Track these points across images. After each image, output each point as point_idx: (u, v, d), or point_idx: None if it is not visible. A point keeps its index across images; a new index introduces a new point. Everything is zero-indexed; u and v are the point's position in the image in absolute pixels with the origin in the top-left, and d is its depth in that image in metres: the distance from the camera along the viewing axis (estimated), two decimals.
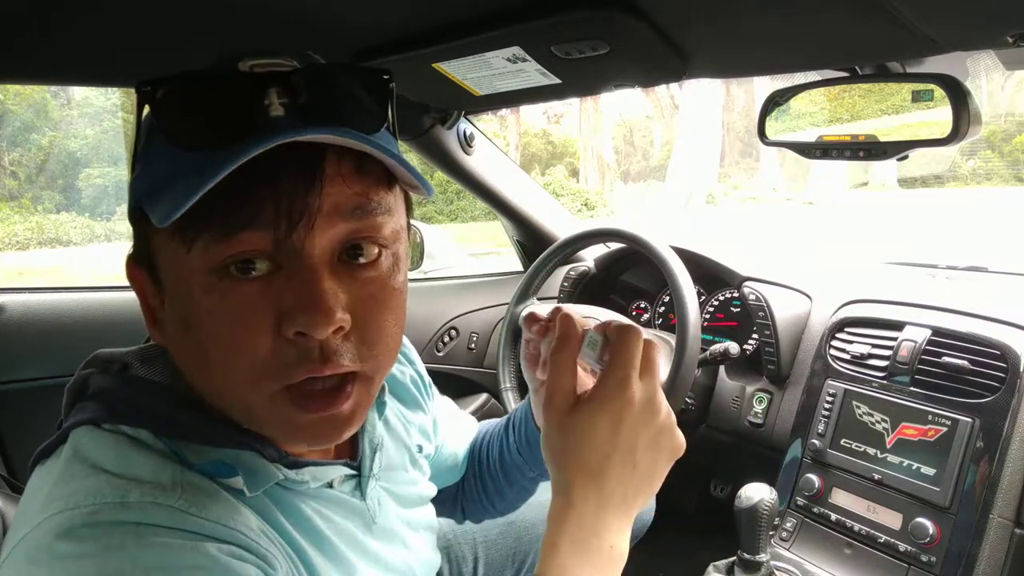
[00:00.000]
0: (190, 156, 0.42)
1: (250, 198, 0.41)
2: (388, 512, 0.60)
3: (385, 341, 0.48)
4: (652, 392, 0.50)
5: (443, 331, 1.66)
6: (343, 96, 0.45)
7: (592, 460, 0.48)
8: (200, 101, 0.42)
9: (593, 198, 13.99)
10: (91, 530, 0.40)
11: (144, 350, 0.52)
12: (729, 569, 1.00)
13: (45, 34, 0.80)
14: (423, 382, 0.76)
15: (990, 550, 0.91)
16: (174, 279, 0.45)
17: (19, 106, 9.78)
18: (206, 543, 0.41)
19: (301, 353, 0.43)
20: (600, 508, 0.48)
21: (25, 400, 1.20)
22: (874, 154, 0.83)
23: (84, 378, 0.51)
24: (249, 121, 0.42)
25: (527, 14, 0.75)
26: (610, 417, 0.48)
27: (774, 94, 0.89)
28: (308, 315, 0.42)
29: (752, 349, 1.33)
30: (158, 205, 0.42)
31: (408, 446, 0.68)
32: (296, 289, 0.42)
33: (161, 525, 0.41)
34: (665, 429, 0.50)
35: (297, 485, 0.51)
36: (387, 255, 0.47)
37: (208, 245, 0.42)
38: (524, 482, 0.81)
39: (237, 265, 0.42)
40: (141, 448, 0.45)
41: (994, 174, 12.33)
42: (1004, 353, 0.96)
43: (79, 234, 9.01)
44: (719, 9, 0.70)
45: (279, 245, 0.42)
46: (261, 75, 0.43)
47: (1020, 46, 0.65)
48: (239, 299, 0.43)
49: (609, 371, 0.50)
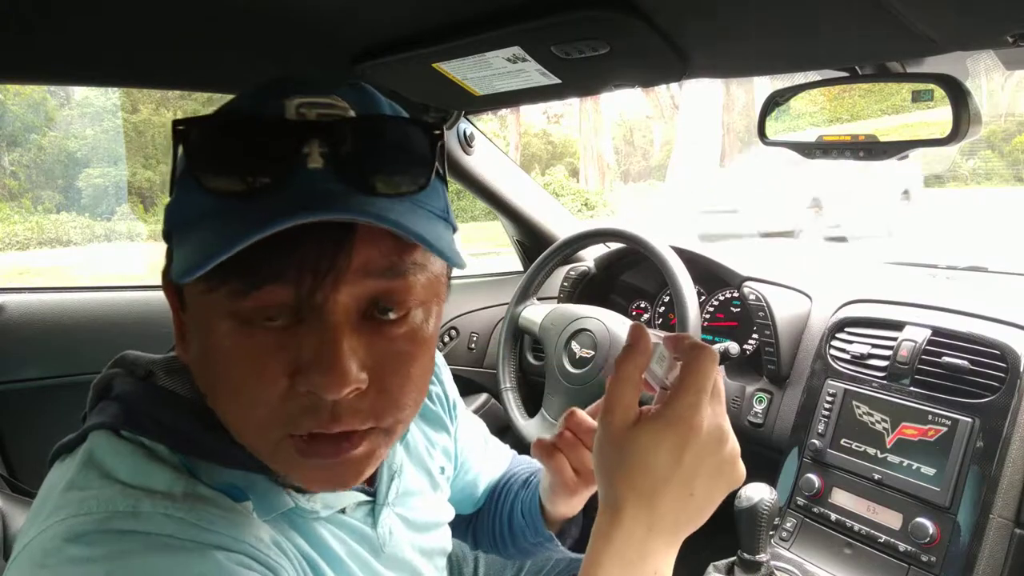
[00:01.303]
0: (219, 203, 0.41)
1: (277, 254, 0.40)
2: (400, 540, 0.60)
3: (408, 395, 0.46)
4: (720, 420, 0.48)
5: (443, 331, 1.67)
6: (388, 149, 0.42)
7: (648, 481, 0.46)
8: (232, 148, 0.41)
9: (593, 198, 13.97)
10: (102, 536, 0.40)
11: (170, 361, 0.52)
12: (729, 569, 1.00)
13: (47, 33, 0.80)
14: (449, 402, 0.75)
15: (990, 550, 0.91)
16: (197, 311, 0.44)
17: (19, 106, 9.77)
18: (214, 552, 0.42)
19: (310, 406, 0.42)
20: (649, 531, 0.46)
21: (25, 400, 1.20)
22: (874, 154, 0.83)
23: (110, 377, 0.51)
24: (283, 172, 0.40)
25: (527, 14, 0.75)
26: (675, 441, 0.46)
27: (774, 94, 0.89)
28: (322, 376, 0.41)
29: (752, 349, 1.33)
30: (182, 253, 0.42)
31: (429, 469, 0.68)
32: (314, 345, 0.41)
33: (171, 535, 0.41)
34: (728, 460, 0.48)
35: (308, 513, 0.51)
36: (418, 311, 0.45)
37: (231, 294, 0.41)
38: (523, 545, 0.81)
39: (259, 314, 0.42)
40: (156, 460, 0.45)
41: (994, 174, 12.32)
42: (1004, 353, 0.96)
43: (79, 234, 9.00)
44: (719, 9, 0.70)
45: (302, 300, 0.41)
46: (303, 125, 0.41)
47: (1020, 46, 0.65)
48: (256, 347, 0.42)
49: (680, 392, 0.47)
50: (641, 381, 0.49)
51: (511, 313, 1.45)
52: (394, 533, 0.59)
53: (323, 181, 0.40)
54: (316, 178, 0.40)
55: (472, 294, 1.74)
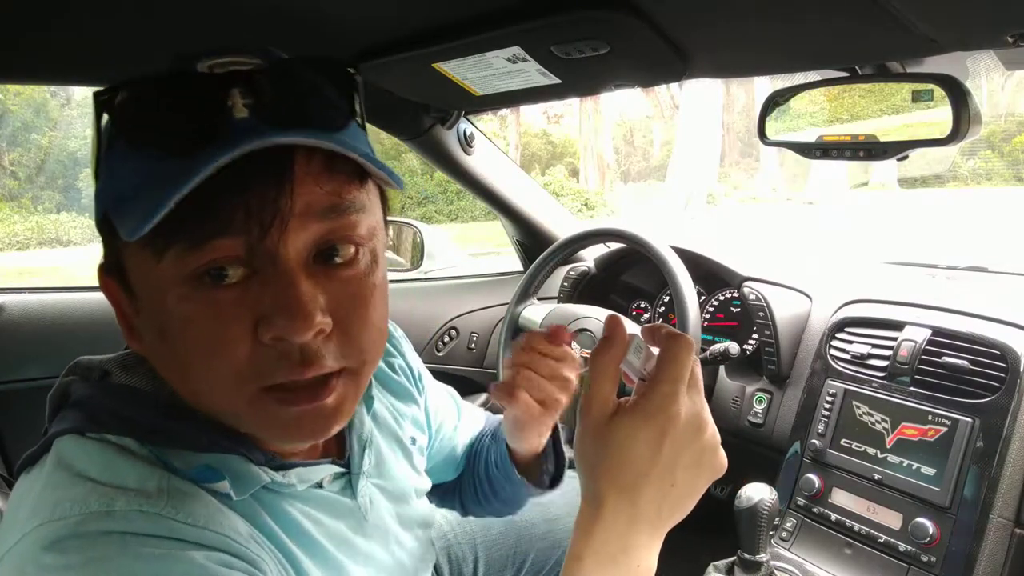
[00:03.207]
0: (153, 164, 0.41)
1: (219, 205, 0.40)
2: (380, 510, 0.60)
3: (369, 336, 0.47)
4: (699, 408, 0.47)
5: (443, 331, 1.66)
6: (308, 93, 0.43)
7: (628, 474, 0.45)
8: (160, 106, 0.41)
9: (593, 198, 13.99)
10: (77, 541, 0.39)
11: (125, 357, 0.51)
12: (729, 569, 1.00)
13: (44, 34, 0.80)
14: (413, 372, 0.75)
15: (990, 550, 0.91)
16: (147, 289, 0.44)
17: (19, 106, 9.78)
18: (193, 551, 0.41)
19: (280, 355, 0.43)
20: (631, 524, 0.45)
21: (25, 400, 1.20)
22: (874, 154, 0.83)
23: (65, 385, 0.51)
24: (212, 125, 0.40)
25: (527, 14, 0.75)
26: (653, 432, 0.45)
27: (774, 94, 0.89)
28: (287, 320, 0.41)
29: (752, 349, 1.33)
30: (125, 218, 0.41)
31: (400, 439, 0.68)
32: (273, 294, 0.42)
33: (148, 534, 0.41)
34: (708, 449, 0.47)
35: (284, 488, 0.51)
36: (364, 253, 0.46)
37: (179, 255, 0.41)
38: (505, 495, 0.81)
39: (211, 273, 0.41)
40: (126, 455, 0.45)
41: (994, 174, 12.33)
42: (1004, 353, 0.96)
43: (79, 234, 9.01)
44: (719, 9, 0.70)
45: (252, 250, 0.41)
46: (223, 76, 0.42)
47: (1020, 46, 0.65)
48: (215, 307, 0.42)
49: (656, 383, 0.46)
50: (618, 373, 0.49)
51: (511, 313, 1.45)
52: (374, 503, 0.59)
53: (251, 128, 0.41)
54: (244, 126, 0.41)
55: (472, 294, 1.74)
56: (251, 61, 0.44)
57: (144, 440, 0.46)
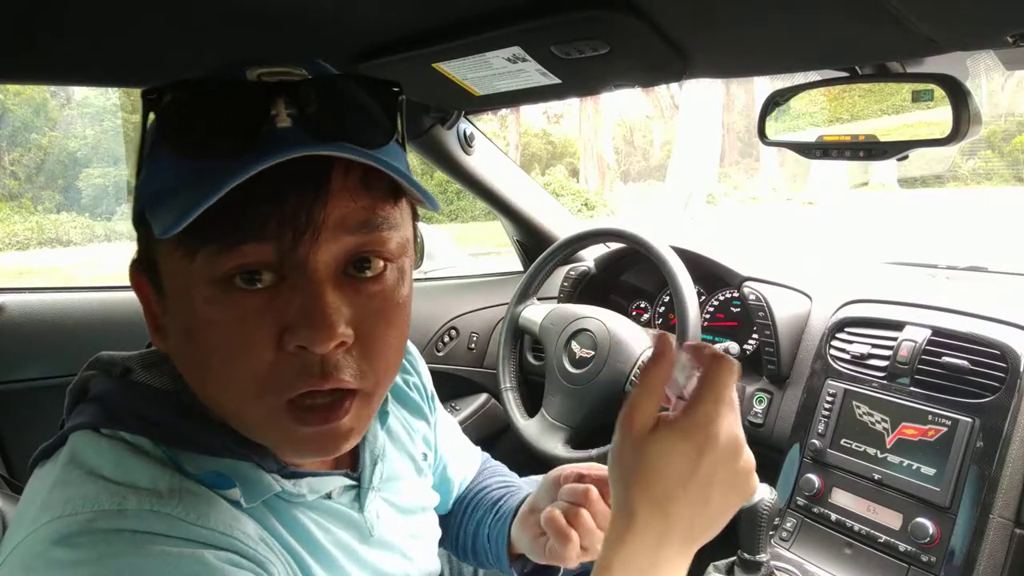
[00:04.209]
0: (195, 165, 0.42)
1: (254, 210, 0.41)
2: (388, 523, 0.60)
3: (387, 357, 0.47)
4: (737, 430, 0.48)
5: (443, 331, 1.66)
6: (352, 108, 0.44)
7: (663, 488, 0.45)
8: (206, 110, 0.42)
9: (593, 198, 13.98)
10: (88, 537, 0.40)
11: (147, 355, 0.52)
12: (729, 569, 1.00)
13: (47, 35, 0.80)
14: (426, 392, 0.75)
15: (990, 550, 0.91)
16: (177, 288, 0.44)
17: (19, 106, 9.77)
18: (203, 550, 0.41)
19: (302, 367, 0.43)
20: (662, 538, 0.45)
21: (25, 400, 1.20)
22: (874, 154, 0.83)
23: (85, 380, 0.51)
24: (255, 131, 0.41)
25: (527, 14, 0.75)
26: (692, 449, 0.45)
27: (774, 94, 0.89)
28: (310, 329, 0.42)
29: (752, 349, 1.33)
30: (161, 215, 0.42)
31: (412, 454, 0.68)
32: (299, 302, 0.42)
33: (158, 533, 0.41)
34: (743, 472, 0.48)
35: (294, 497, 0.51)
36: (392, 269, 0.47)
37: (211, 256, 0.41)
38: (484, 563, 0.80)
39: (241, 276, 0.42)
40: (140, 455, 0.45)
41: (994, 174, 12.33)
42: (1004, 353, 0.96)
43: (79, 234, 9.01)
44: (719, 10, 0.70)
45: (283, 258, 0.42)
46: (269, 84, 0.43)
47: (1020, 46, 0.65)
48: (242, 311, 0.42)
49: (698, 402, 0.46)
50: (663, 390, 0.49)
51: (511, 313, 1.45)
52: (381, 517, 0.59)
53: (292, 137, 0.42)
54: (286, 135, 0.42)
55: (472, 294, 1.74)
56: (299, 72, 0.44)
57: (159, 440, 0.46)
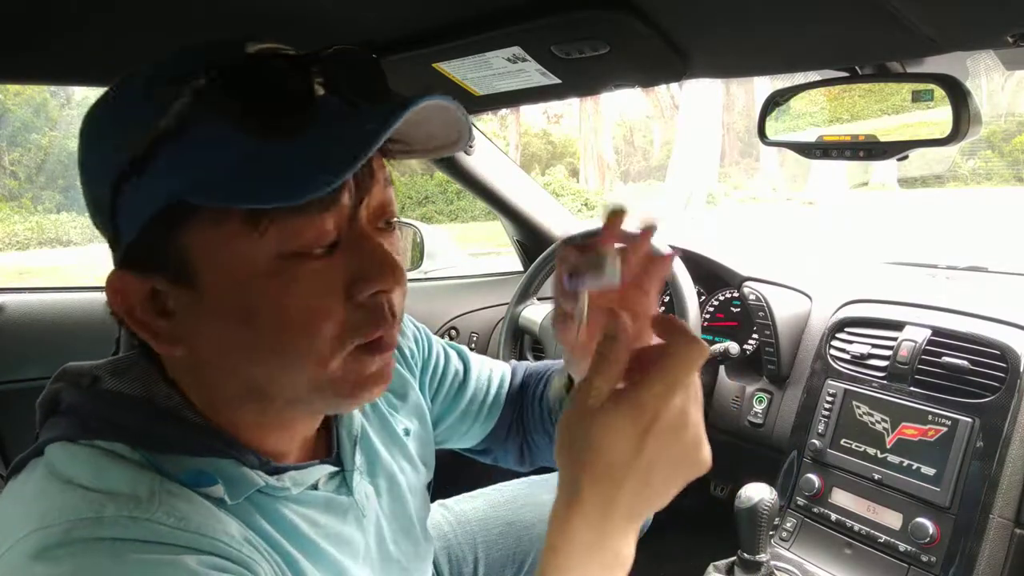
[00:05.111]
0: (260, 142, 0.41)
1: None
2: (377, 507, 0.60)
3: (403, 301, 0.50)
4: (685, 405, 0.44)
5: (443, 331, 1.66)
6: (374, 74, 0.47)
7: (605, 467, 0.44)
8: (263, 86, 0.42)
9: (593, 198, 13.99)
10: (67, 549, 0.39)
11: (115, 362, 0.51)
12: (729, 569, 1.00)
13: (47, 35, 0.80)
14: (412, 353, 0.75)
15: (990, 550, 0.91)
16: (226, 270, 0.43)
17: (19, 106, 9.78)
18: (185, 556, 0.40)
19: (372, 312, 0.46)
20: (605, 514, 0.44)
21: (25, 400, 1.19)
22: (874, 154, 0.83)
23: (54, 393, 0.50)
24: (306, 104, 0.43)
25: (527, 14, 0.75)
26: (636, 432, 0.43)
27: (774, 94, 0.89)
28: (384, 274, 0.45)
29: (752, 349, 1.33)
30: (266, 186, 0.40)
31: (394, 433, 0.67)
32: (361, 256, 0.45)
33: (138, 539, 0.40)
34: (692, 447, 0.45)
35: (279, 491, 0.50)
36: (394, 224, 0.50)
37: (284, 229, 0.42)
38: None
39: (305, 247, 0.43)
40: (117, 460, 0.44)
41: (994, 174, 12.33)
42: (1004, 353, 0.96)
43: (79, 234, 9.01)
44: (719, 9, 0.70)
45: (344, 222, 0.44)
46: (305, 57, 0.44)
47: (1020, 46, 0.65)
48: (310, 276, 0.44)
49: (650, 380, 0.43)
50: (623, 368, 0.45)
51: (511, 313, 1.45)
52: (371, 498, 0.59)
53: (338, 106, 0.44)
54: (331, 103, 0.44)
55: (472, 294, 1.74)
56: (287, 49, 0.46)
57: (135, 445, 0.45)
